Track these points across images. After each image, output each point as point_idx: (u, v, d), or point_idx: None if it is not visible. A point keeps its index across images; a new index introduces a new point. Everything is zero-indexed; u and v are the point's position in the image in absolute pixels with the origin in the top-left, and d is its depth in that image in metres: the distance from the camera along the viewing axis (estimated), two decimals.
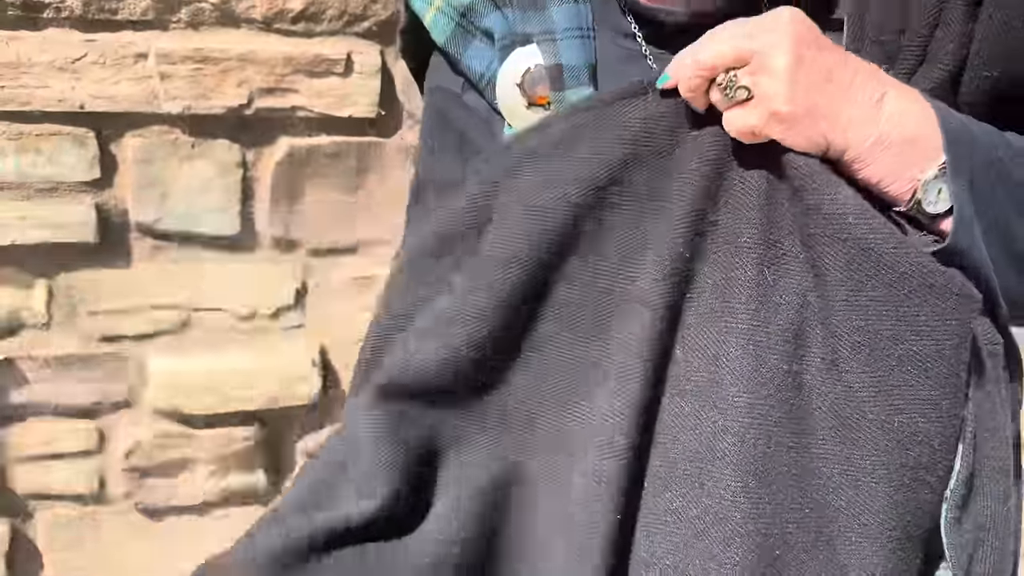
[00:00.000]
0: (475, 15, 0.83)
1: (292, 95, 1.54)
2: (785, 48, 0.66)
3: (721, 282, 0.68)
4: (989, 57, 0.73)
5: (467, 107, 0.85)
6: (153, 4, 1.43)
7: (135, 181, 1.52)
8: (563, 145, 0.72)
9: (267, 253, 1.62)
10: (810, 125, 0.66)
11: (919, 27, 0.75)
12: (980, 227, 0.69)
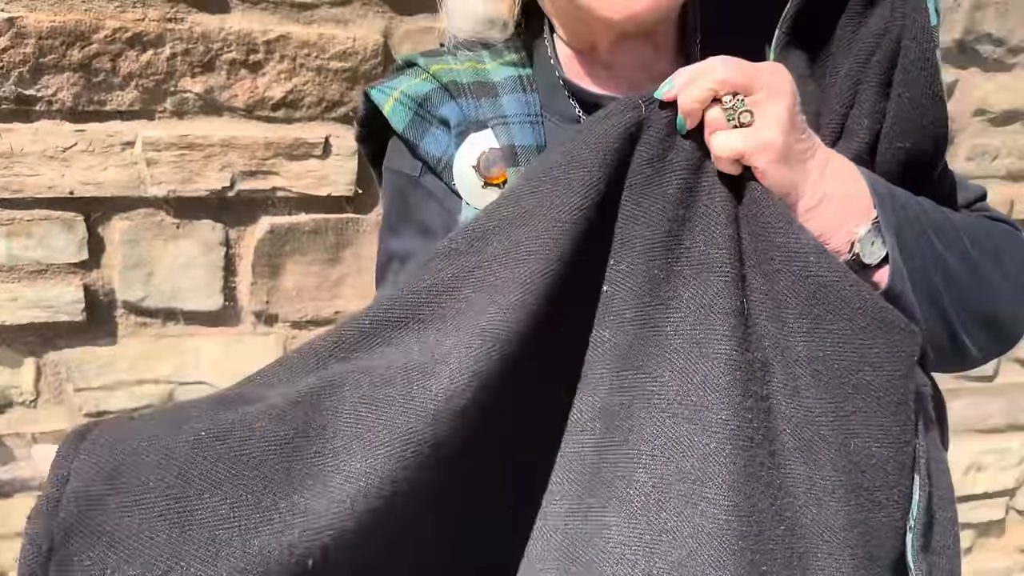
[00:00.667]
0: (432, 104, 0.92)
1: (273, 177, 1.62)
2: (788, 91, 0.75)
3: (704, 307, 0.74)
4: (901, 131, 0.83)
5: (425, 188, 0.93)
6: (140, 95, 1.52)
7: (122, 261, 1.58)
8: (558, 159, 0.77)
9: (249, 327, 1.69)
10: (788, 166, 0.75)
11: (837, 106, 0.85)
12: (910, 278, 0.78)
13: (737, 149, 0.74)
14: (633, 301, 0.76)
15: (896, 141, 0.83)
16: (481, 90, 0.92)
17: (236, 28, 1.53)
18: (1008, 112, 2.15)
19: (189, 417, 0.72)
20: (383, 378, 0.72)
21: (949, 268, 0.83)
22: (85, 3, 1.45)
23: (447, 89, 0.93)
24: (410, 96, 0.93)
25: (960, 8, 2.00)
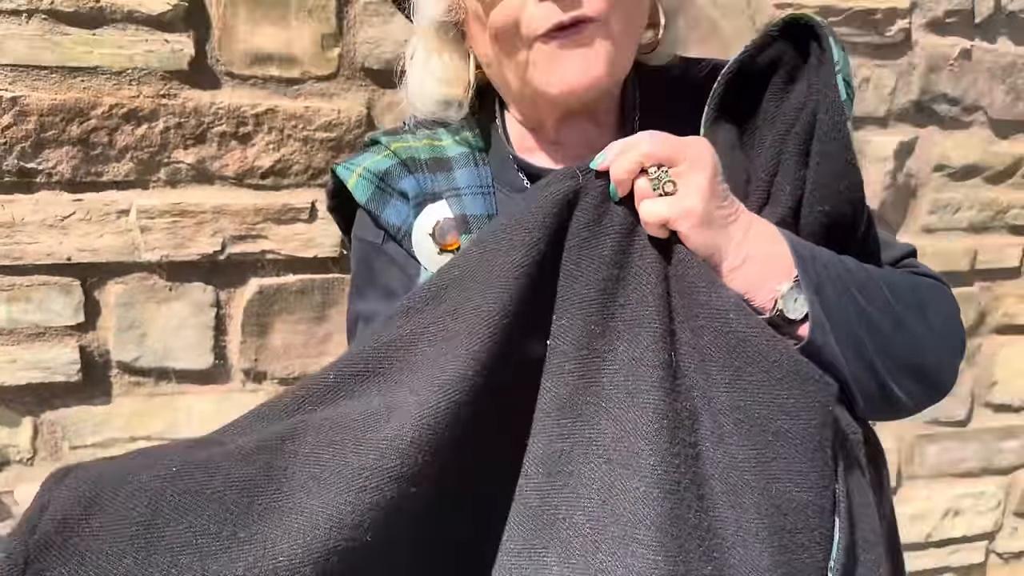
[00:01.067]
0: (392, 179, 1.02)
1: (262, 240, 1.70)
2: (709, 163, 0.84)
3: (636, 360, 0.81)
4: (820, 196, 0.91)
5: (388, 255, 1.02)
6: (135, 166, 1.60)
7: (116, 324, 1.65)
8: (504, 223, 0.86)
9: (239, 384, 1.75)
10: (710, 230, 0.83)
11: (763, 175, 0.93)
12: (832, 332, 0.85)
13: (662, 216, 0.82)
14: (573, 354, 0.83)
15: (816, 205, 0.90)
16: (436, 165, 1.02)
17: (227, 103, 1.62)
18: (967, 167, 2.25)
19: (164, 456, 0.79)
20: (342, 425, 0.79)
21: (873, 321, 0.89)
22: (84, 82, 1.54)
23: (406, 165, 1.02)
24: (372, 172, 1.02)
25: (916, 71, 2.11)
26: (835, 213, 0.91)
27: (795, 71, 0.92)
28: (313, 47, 1.66)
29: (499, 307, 0.81)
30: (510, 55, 0.94)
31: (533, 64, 0.93)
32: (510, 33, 0.92)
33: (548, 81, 0.92)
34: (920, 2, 2.07)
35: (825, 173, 0.90)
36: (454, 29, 1.00)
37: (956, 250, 2.30)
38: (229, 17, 1.59)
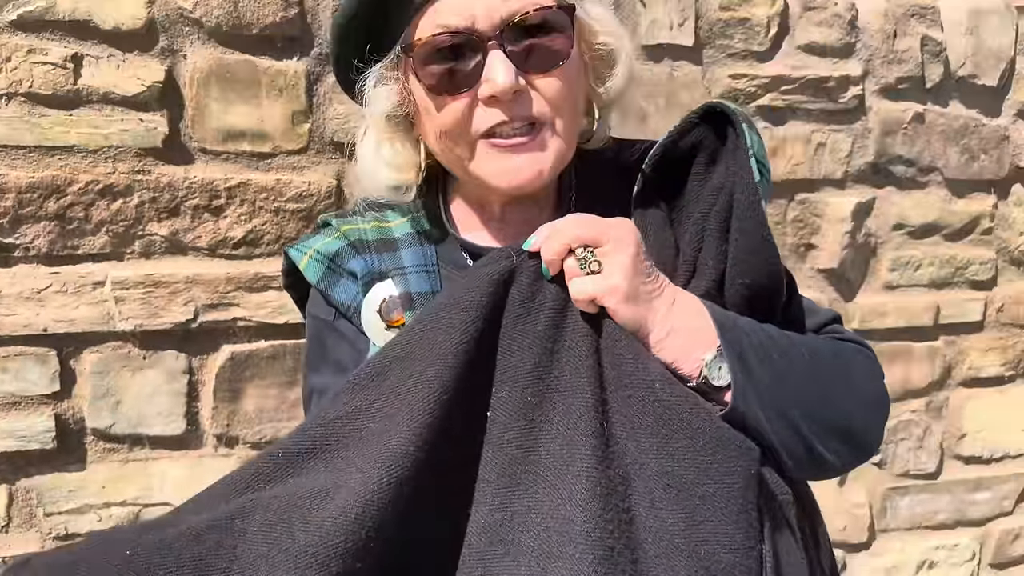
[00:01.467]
0: (341, 259, 1.08)
1: (234, 308, 1.75)
2: (632, 243, 0.90)
3: (571, 429, 0.86)
4: (741, 270, 0.97)
5: (338, 331, 1.08)
6: (110, 239, 1.66)
7: (91, 392, 1.70)
8: (443, 301, 0.91)
9: (211, 449, 1.79)
10: (636, 305, 0.89)
11: (689, 250, 0.99)
12: (755, 398, 0.90)
13: (589, 293, 0.88)
14: (511, 425, 0.88)
15: (738, 278, 0.97)
16: (383, 245, 1.08)
17: (200, 177, 1.69)
18: (926, 225, 2.32)
19: (118, 540, 0.83)
20: (290, 503, 0.83)
21: (796, 386, 0.94)
22: (61, 160, 1.61)
23: (354, 246, 1.08)
24: (322, 253, 1.08)
25: (871, 134, 2.19)
26: (755, 285, 0.97)
27: (715, 153, 0.99)
28: (284, 123, 1.73)
29: (439, 384, 0.86)
30: (458, 149, 1.00)
31: (480, 160, 0.99)
32: (458, 130, 0.98)
33: (495, 177, 0.99)
34: (872, 69, 2.15)
35: (743, 249, 0.96)
36: (404, 120, 1.05)
37: (919, 306, 2.36)
38: (202, 97, 1.66)
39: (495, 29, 0.93)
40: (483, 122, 0.96)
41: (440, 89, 0.96)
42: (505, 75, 0.92)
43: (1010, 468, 2.63)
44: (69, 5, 1.56)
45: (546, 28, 0.95)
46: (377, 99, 1.03)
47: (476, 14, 0.93)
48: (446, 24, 0.94)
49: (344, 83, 1.08)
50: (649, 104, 1.97)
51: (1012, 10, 2.30)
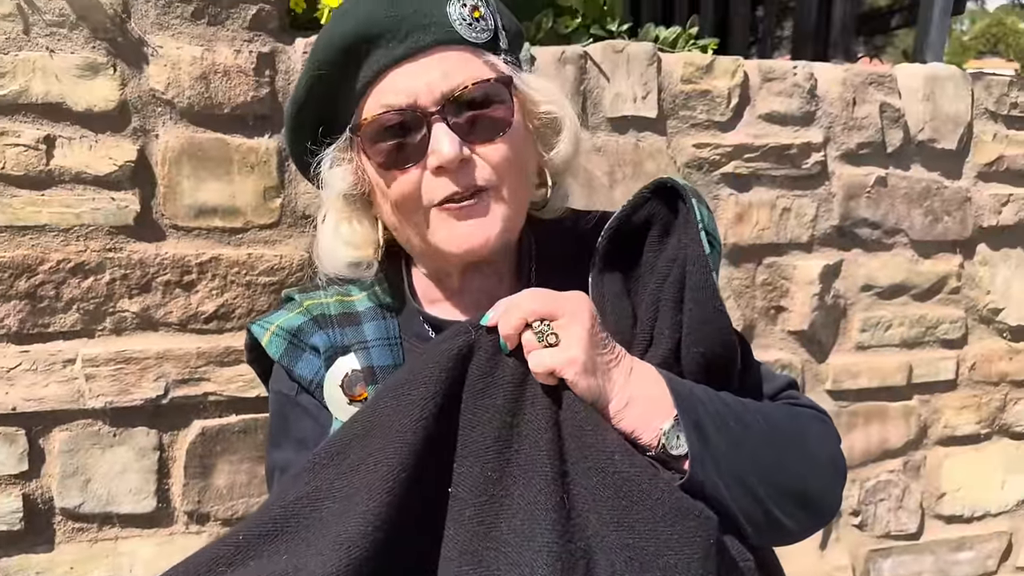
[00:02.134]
0: (304, 335, 1.10)
1: (205, 383, 1.75)
2: (587, 315, 0.91)
3: (531, 503, 0.86)
4: (695, 339, 1.00)
5: (301, 406, 1.08)
6: (81, 317, 1.67)
7: (60, 470, 1.68)
8: (402, 378, 0.92)
9: (182, 527, 1.77)
10: (594, 376, 0.90)
11: (646, 320, 1.01)
12: (713, 466, 0.91)
13: (548, 366, 0.89)
14: (472, 500, 0.88)
15: (693, 347, 0.99)
16: (346, 320, 1.09)
17: (171, 253, 1.70)
18: (894, 286, 2.35)
19: None
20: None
21: (753, 452, 0.96)
22: (32, 239, 1.62)
23: (317, 321, 1.10)
24: (284, 329, 1.10)
25: (835, 198, 2.24)
26: (710, 353, 1.00)
27: (668, 225, 1.03)
28: (256, 199, 1.76)
29: (398, 462, 0.87)
30: (412, 221, 1.03)
31: (434, 228, 1.02)
32: (410, 203, 1.01)
33: (449, 242, 1.01)
34: (833, 136, 2.21)
35: (697, 319, 0.99)
36: (360, 199, 1.08)
37: (891, 365, 2.38)
38: (174, 175, 1.69)
39: (437, 104, 0.97)
40: (434, 193, 0.99)
41: (390, 164, 1.00)
42: (450, 146, 0.96)
43: (991, 526, 2.62)
44: (42, 88, 1.60)
45: (486, 100, 0.99)
46: (333, 180, 1.06)
47: (418, 91, 0.97)
48: (390, 103, 0.98)
49: (302, 169, 1.12)
50: (617, 172, 2.01)
51: (967, 77, 2.37)
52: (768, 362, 2.23)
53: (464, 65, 0.99)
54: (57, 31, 1.60)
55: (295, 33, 1.77)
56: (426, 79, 0.97)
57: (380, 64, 0.98)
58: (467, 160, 0.98)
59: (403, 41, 0.97)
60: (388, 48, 0.97)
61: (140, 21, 1.64)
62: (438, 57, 0.98)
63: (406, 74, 0.98)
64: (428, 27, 0.98)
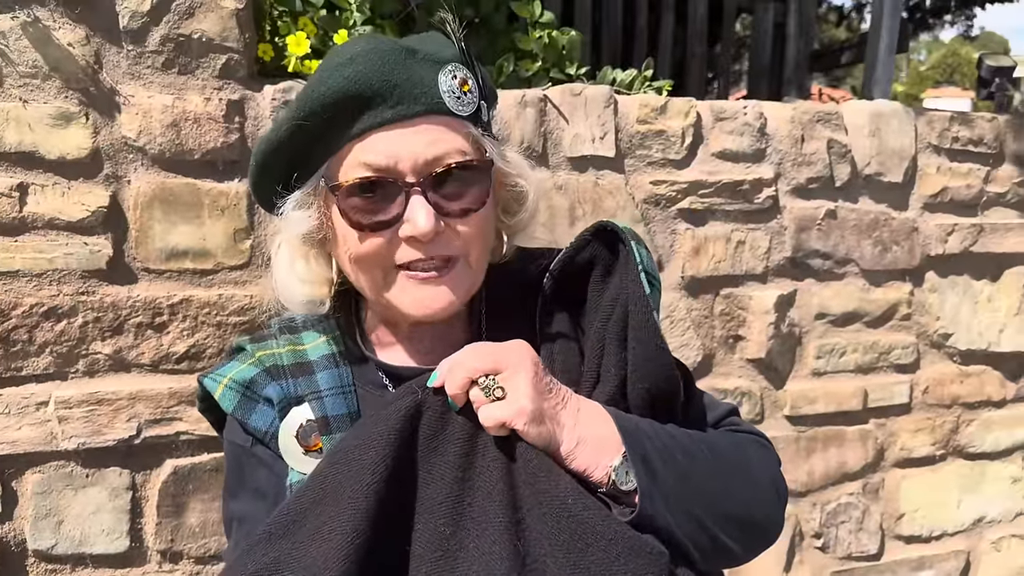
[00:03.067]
0: (257, 386, 1.10)
1: (176, 422, 1.78)
2: (529, 364, 0.96)
3: (486, 554, 0.90)
4: (640, 375, 1.04)
5: (257, 457, 1.10)
6: (54, 360, 1.70)
7: (33, 512, 1.70)
8: (352, 442, 0.94)
9: (155, 566, 1.79)
10: (543, 423, 0.95)
11: (592, 358, 1.06)
12: (661, 498, 0.95)
13: (497, 419, 0.93)
14: (428, 556, 0.91)
15: (638, 383, 1.04)
16: (299, 370, 1.10)
17: (143, 296, 1.74)
18: (847, 314, 2.44)
19: None
20: None
21: (699, 482, 1.01)
22: (5, 284, 1.65)
23: (269, 372, 1.10)
24: (237, 381, 1.10)
25: (786, 231, 2.33)
26: (655, 388, 1.04)
27: (610, 265, 1.07)
28: (226, 240, 1.80)
29: (352, 528, 0.89)
30: (373, 276, 1.04)
31: (396, 289, 1.03)
32: (375, 262, 1.02)
33: (409, 306, 1.03)
34: (783, 171, 2.31)
35: (640, 356, 1.04)
36: (318, 240, 1.09)
37: (847, 391, 2.46)
38: (145, 220, 1.74)
39: (418, 175, 0.99)
40: (402, 257, 1.01)
41: (363, 225, 1.00)
42: (426, 220, 0.97)
43: (950, 545, 2.70)
44: (15, 138, 1.64)
45: (466, 180, 1.01)
46: (296, 221, 1.06)
47: (400, 156, 0.98)
48: (370, 163, 0.99)
49: (263, 203, 1.12)
50: (577, 209, 2.09)
51: (910, 113, 2.49)
52: (727, 390, 2.31)
53: (447, 137, 1.00)
54: (30, 82, 1.65)
55: (263, 80, 1.83)
56: (410, 147, 0.99)
57: (366, 124, 0.99)
58: (439, 232, 1.00)
59: (393, 107, 0.98)
60: (377, 111, 0.98)
61: (112, 71, 1.70)
62: (424, 127, 0.99)
63: (390, 139, 0.99)
64: (418, 97, 0.99)
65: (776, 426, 2.38)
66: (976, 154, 2.58)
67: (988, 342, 2.65)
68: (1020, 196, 2.65)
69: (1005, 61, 3.18)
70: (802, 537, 2.47)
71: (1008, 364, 2.71)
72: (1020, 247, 2.66)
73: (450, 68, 1.02)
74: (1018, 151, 2.63)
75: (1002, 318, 2.67)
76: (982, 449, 2.70)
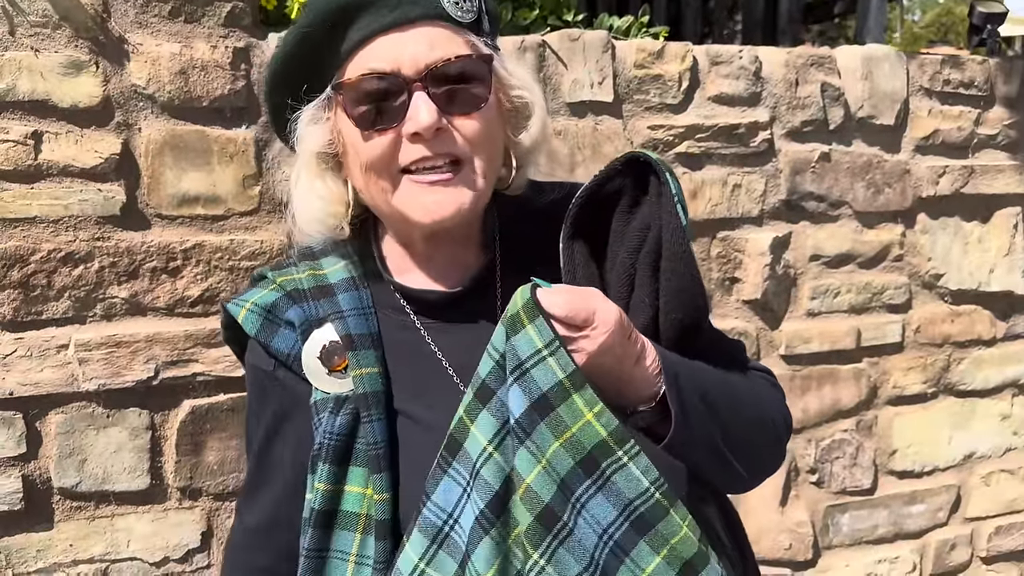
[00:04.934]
0: (279, 310, 1.14)
1: (193, 364, 1.84)
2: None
3: None
4: (673, 306, 1.08)
5: (279, 380, 1.14)
6: (72, 304, 1.75)
7: (57, 452, 1.76)
8: None
9: (175, 503, 1.86)
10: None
11: (619, 287, 1.09)
12: (692, 438, 1.01)
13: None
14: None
15: (671, 313, 1.07)
16: (320, 292, 1.13)
17: (156, 241, 1.79)
18: (841, 255, 2.50)
19: None
20: None
21: (723, 417, 1.06)
22: (24, 231, 1.70)
23: (291, 296, 1.14)
24: (259, 305, 1.14)
25: (782, 174, 2.38)
26: (687, 319, 1.08)
27: (637, 197, 1.09)
28: (236, 187, 1.85)
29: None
30: (380, 184, 1.07)
31: (402, 194, 1.06)
32: (382, 165, 1.05)
33: (416, 211, 1.06)
34: (778, 115, 2.35)
35: (674, 287, 1.06)
36: (332, 159, 1.12)
37: (841, 330, 2.53)
38: (157, 166, 1.78)
39: (419, 74, 1.02)
40: (406, 157, 1.04)
41: (367, 124, 1.04)
42: (427, 114, 1.01)
43: (941, 480, 2.78)
44: (28, 87, 1.68)
45: (466, 75, 1.04)
46: (309, 136, 1.10)
47: (402, 60, 1.02)
48: (374, 68, 1.03)
49: (277, 126, 1.16)
50: (577, 155, 2.13)
51: (901, 56, 2.53)
52: (725, 330, 2.36)
53: (447, 40, 1.04)
54: (41, 31, 1.68)
55: (267, 29, 1.87)
56: (411, 49, 1.02)
57: (368, 30, 1.03)
58: (443, 130, 1.03)
59: (392, 11, 1.03)
60: (378, 15, 1.03)
61: (120, 20, 1.73)
62: (424, 30, 1.03)
63: (392, 42, 1.03)
64: (417, 1, 1.03)
65: (772, 365, 2.45)
66: (967, 96, 2.62)
67: (978, 282, 2.72)
68: (1010, 138, 2.70)
69: (996, 7, 3.20)
70: (798, 472, 2.55)
71: (998, 304, 2.77)
72: (1010, 188, 2.71)
73: None
74: (1008, 93, 2.67)
75: (992, 258, 2.73)
76: (972, 387, 2.77)
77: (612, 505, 0.93)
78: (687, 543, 0.95)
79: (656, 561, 0.93)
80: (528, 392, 0.92)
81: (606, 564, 0.92)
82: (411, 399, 1.10)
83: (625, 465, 0.93)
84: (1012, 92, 2.68)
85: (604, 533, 0.92)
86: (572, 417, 0.92)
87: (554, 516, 0.91)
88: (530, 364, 0.92)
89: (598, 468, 0.92)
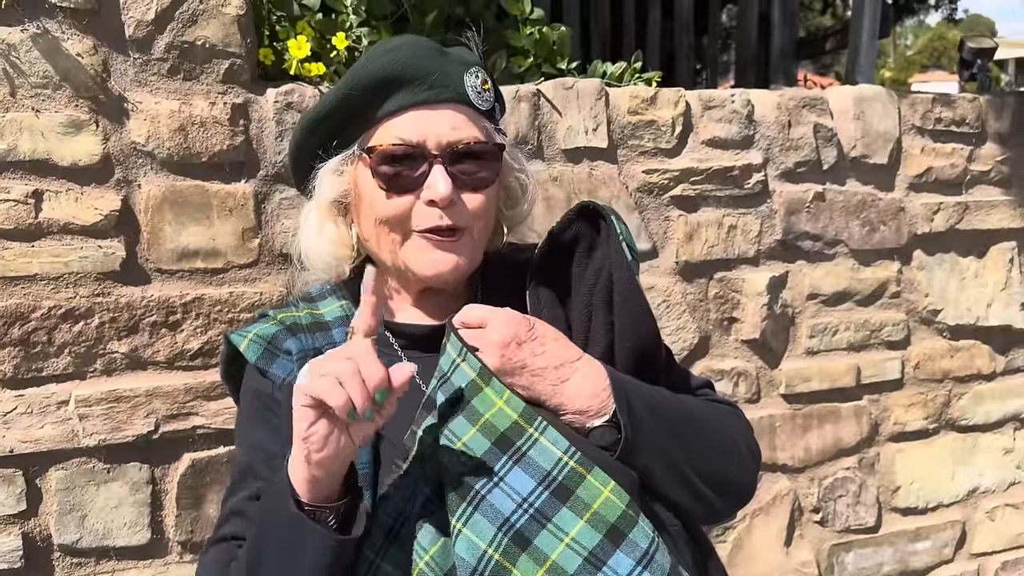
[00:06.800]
0: (278, 341, 1.26)
1: (193, 417, 1.84)
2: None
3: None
4: (627, 336, 1.18)
5: (277, 400, 1.23)
6: (73, 360, 1.76)
7: (57, 508, 1.76)
8: None
9: (176, 556, 1.85)
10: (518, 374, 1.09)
11: (579, 324, 1.18)
12: (646, 444, 1.07)
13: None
14: None
15: (626, 342, 1.17)
16: (316, 327, 1.25)
17: (156, 295, 1.80)
18: (838, 293, 2.51)
19: None
20: None
21: (682, 434, 1.13)
22: (24, 289, 1.71)
23: (290, 329, 1.25)
24: (261, 336, 1.25)
25: (776, 215, 2.39)
26: (640, 347, 1.18)
27: (592, 241, 1.21)
28: (235, 240, 1.87)
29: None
30: (393, 237, 1.20)
31: (411, 249, 1.20)
32: (396, 222, 1.19)
33: (422, 265, 1.20)
34: (771, 157, 2.37)
35: (625, 317, 1.17)
36: (342, 207, 1.26)
37: (840, 368, 2.53)
38: (156, 221, 1.79)
39: (441, 149, 1.16)
40: (422, 220, 1.18)
41: (390, 187, 1.17)
42: (445, 186, 1.15)
43: (946, 516, 2.77)
44: (29, 146, 1.70)
45: (479, 157, 1.19)
46: (328, 185, 1.24)
47: (428, 135, 1.16)
48: (401, 136, 1.17)
49: (298, 174, 1.30)
50: (573, 200, 2.15)
51: (893, 95, 2.56)
52: (724, 371, 2.37)
53: (468, 124, 1.19)
54: (42, 92, 1.70)
55: (265, 84, 1.89)
56: (436, 127, 1.17)
57: (403, 102, 1.17)
58: (454, 201, 1.17)
59: (427, 91, 1.17)
60: (412, 92, 1.17)
61: (119, 79, 1.76)
62: (449, 112, 1.18)
63: (420, 117, 1.17)
64: (448, 86, 1.18)
65: (772, 404, 2.46)
66: (959, 134, 2.65)
67: (976, 317, 2.72)
68: (1003, 174, 2.72)
69: (986, 43, 3.24)
70: (801, 512, 2.54)
71: (996, 338, 2.78)
72: (1004, 223, 2.73)
73: (474, 69, 1.21)
74: (999, 130, 2.70)
75: (989, 293, 2.74)
76: (974, 421, 2.77)
77: (529, 476, 1.01)
78: (610, 506, 1.01)
79: (579, 524, 1.00)
80: (447, 393, 1.05)
81: (524, 527, 0.99)
82: (393, 424, 1.16)
83: (537, 440, 1.03)
84: (1003, 128, 2.70)
85: (524, 502, 1.00)
86: (485, 406, 1.04)
87: (470, 488, 1.01)
88: (450, 372, 1.07)
89: (512, 445, 1.02)
